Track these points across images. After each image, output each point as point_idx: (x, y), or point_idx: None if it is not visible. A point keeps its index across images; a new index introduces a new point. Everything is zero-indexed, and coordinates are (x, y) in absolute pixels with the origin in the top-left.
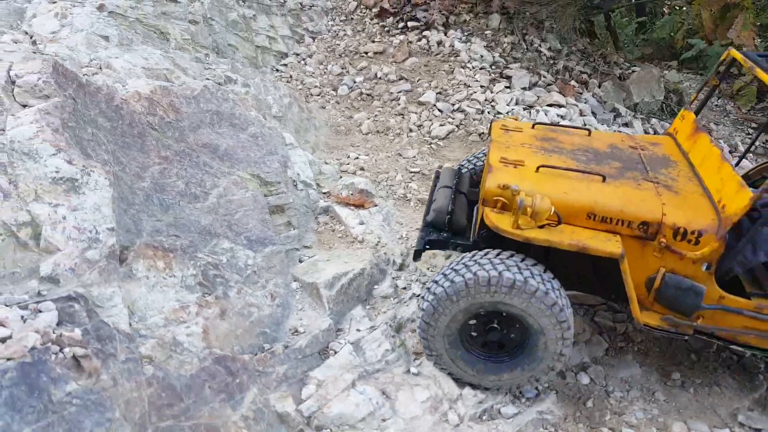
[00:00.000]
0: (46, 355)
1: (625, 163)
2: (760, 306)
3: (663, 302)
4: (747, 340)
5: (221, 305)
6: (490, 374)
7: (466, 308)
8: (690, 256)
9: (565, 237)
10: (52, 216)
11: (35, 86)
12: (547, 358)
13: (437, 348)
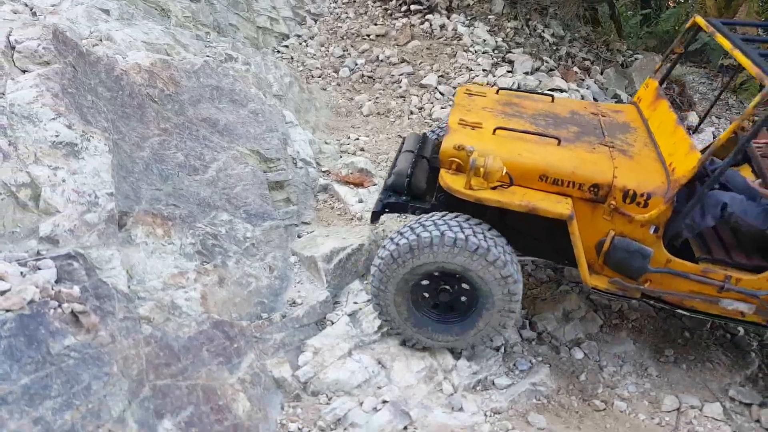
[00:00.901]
0: (45, 308)
1: (583, 128)
2: (705, 270)
3: (612, 265)
4: (693, 304)
5: (219, 273)
6: (442, 335)
7: (413, 269)
8: (638, 219)
9: (515, 198)
10: (52, 178)
11: (35, 52)
12: (496, 315)
13: (390, 311)
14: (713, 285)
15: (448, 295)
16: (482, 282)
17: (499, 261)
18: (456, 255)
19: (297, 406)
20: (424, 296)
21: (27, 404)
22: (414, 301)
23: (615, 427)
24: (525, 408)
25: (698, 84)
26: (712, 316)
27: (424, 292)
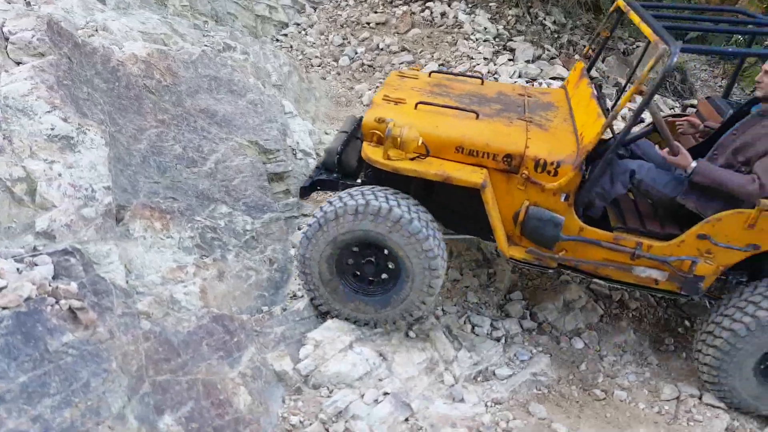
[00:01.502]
0: (42, 305)
1: (506, 106)
2: (617, 238)
3: (527, 235)
4: (608, 272)
5: (219, 267)
6: (363, 308)
7: (338, 237)
8: (549, 188)
9: (431, 168)
10: (48, 172)
11: (29, 43)
12: (416, 290)
13: (314, 281)
14: (625, 252)
15: (372, 267)
16: (403, 254)
17: (420, 234)
18: (379, 224)
19: (298, 399)
20: (348, 268)
21: (25, 402)
22: (338, 272)
23: (615, 416)
24: (526, 398)
25: (699, 71)
26: (627, 284)
27: (349, 262)
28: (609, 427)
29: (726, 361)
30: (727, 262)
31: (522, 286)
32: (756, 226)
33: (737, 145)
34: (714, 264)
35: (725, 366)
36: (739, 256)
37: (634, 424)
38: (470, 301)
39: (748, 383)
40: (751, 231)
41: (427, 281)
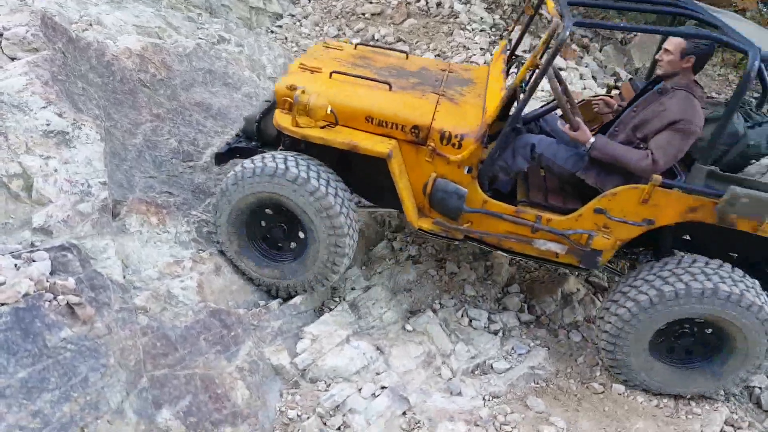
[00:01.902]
0: (40, 301)
1: (423, 80)
2: (518, 211)
3: (434, 207)
4: (510, 245)
5: (216, 261)
6: (277, 272)
7: (241, 200)
8: (454, 160)
9: (338, 137)
10: (44, 168)
11: (23, 39)
12: (323, 251)
13: (224, 242)
14: (526, 225)
15: (280, 231)
16: (306, 216)
17: (318, 192)
18: (276, 185)
19: (296, 393)
20: (260, 231)
21: (25, 397)
22: (249, 236)
23: (613, 409)
24: (523, 391)
25: None
26: (530, 257)
27: (260, 226)
28: (607, 420)
29: (624, 332)
30: (624, 236)
31: (520, 279)
32: (649, 202)
33: (636, 121)
34: (611, 238)
35: (623, 336)
36: (635, 231)
37: (633, 417)
38: (467, 295)
39: (642, 358)
40: (645, 206)
41: (333, 241)
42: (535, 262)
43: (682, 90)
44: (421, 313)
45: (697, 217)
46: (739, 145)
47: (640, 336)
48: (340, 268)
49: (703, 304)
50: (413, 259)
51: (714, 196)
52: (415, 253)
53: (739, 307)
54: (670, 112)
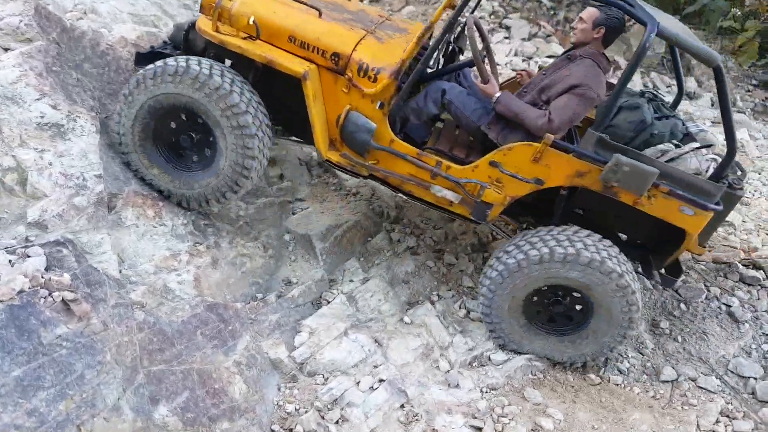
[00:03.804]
0: (35, 298)
1: (357, 19)
2: (420, 154)
3: (344, 139)
4: (410, 188)
5: (213, 255)
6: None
7: (144, 103)
8: (368, 93)
9: (257, 49)
10: (38, 162)
11: (17, 29)
12: (232, 154)
13: (132, 153)
14: (426, 170)
15: (188, 140)
16: (211, 117)
17: (222, 89)
18: (179, 85)
19: (294, 387)
20: (168, 139)
21: (20, 396)
22: (156, 144)
23: (610, 400)
24: (521, 383)
25: None
26: (427, 203)
27: (168, 133)
28: (604, 411)
29: (497, 295)
30: (514, 193)
31: None
32: (541, 161)
33: (543, 84)
34: (502, 193)
35: (496, 299)
36: (526, 189)
37: (629, 408)
38: (466, 286)
39: (516, 322)
40: (537, 165)
41: (241, 142)
42: (431, 208)
43: (588, 58)
44: (419, 304)
45: (584, 183)
46: (645, 133)
47: (512, 299)
48: (251, 173)
49: (566, 269)
50: (411, 250)
51: (601, 162)
52: (413, 244)
53: (599, 273)
54: (573, 76)
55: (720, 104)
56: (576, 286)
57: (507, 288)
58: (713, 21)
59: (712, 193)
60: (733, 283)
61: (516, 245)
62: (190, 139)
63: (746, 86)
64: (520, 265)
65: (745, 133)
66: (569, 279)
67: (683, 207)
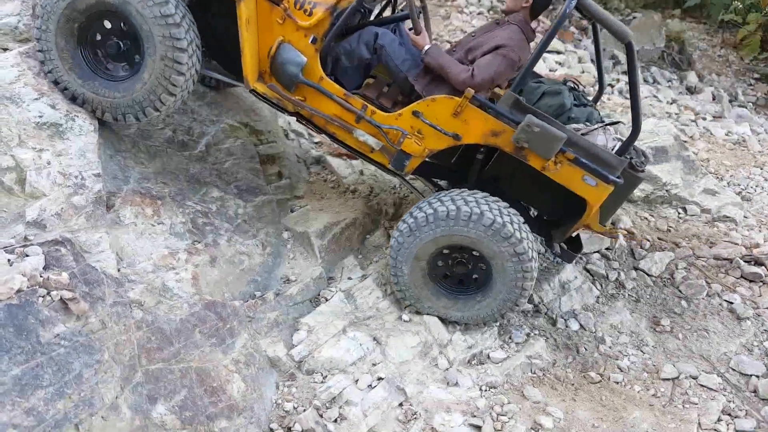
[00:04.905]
0: (33, 297)
1: None
2: (347, 95)
3: (274, 72)
4: (334, 129)
5: (211, 253)
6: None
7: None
8: (302, 25)
9: None
10: (37, 161)
11: (15, 28)
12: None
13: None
14: (352, 112)
15: (114, 46)
16: (141, 21)
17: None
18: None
19: (292, 385)
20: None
21: (18, 395)
22: (80, 46)
23: (610, 398)
24: (521, 381)
25: (698, 41)
26: (348, 147)
27: (95, 39)
28: (604, 410)
29: (404, 248)
30: (433, 145)
31: None
32: (460, 116)
33: (471, 45)
34: (422, 144)
35: (402, 252)
36: (444, 142)
37: (630, 407)
38: None
39: (421, 280)
40: (456, 119)
41: (171, 55)
42: (352, 153)
43: (515, 25)
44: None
45: (498, 142)
46: (563, 117)
47: (417, 253)
48: (176, 89)
49: (469, 229)
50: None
51: (515, 123)
52: None
53: (500, 236)
54: (498, 38)
55: (629, 81)
56: (477, 247)
57: (414, 241)
58: (715, 14)
59: (614, 165)
60: (735, 279)
61: (428, 202)
62: (117, 47)
63: (748, 80)
64: (428, 220)
65: (747, 128)
66: (471, 239)
67: (586, 176)
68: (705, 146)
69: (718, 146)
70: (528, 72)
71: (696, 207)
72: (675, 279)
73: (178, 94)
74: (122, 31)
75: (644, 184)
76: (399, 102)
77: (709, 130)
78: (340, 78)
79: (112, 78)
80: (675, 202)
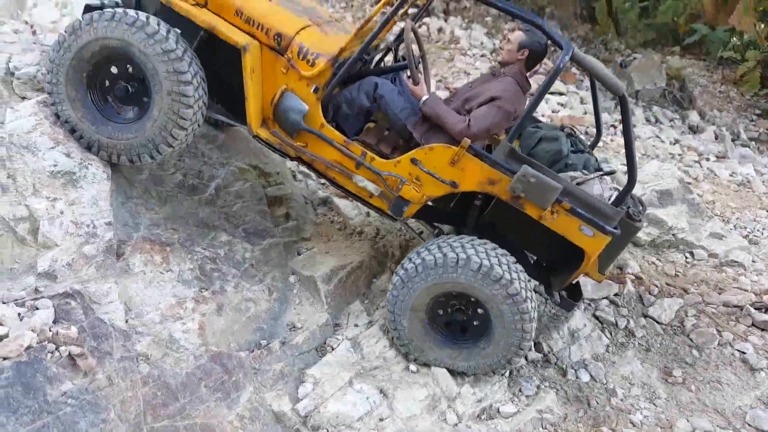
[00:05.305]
0: (42, 353)
1: (307, 12)
2: (347, 142)
3: (277, 118)
4: (334, 174)
5: (218, 300)
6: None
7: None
8: (305, 75)
9: (203, 15)
10: (50, 210)
11: (34, 77)
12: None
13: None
14: (352, 158)
15: (123, 89)
16: (146, 60)
17: (158, 34)
18: (114, 29)
19: None
20: (102, 86)
21: None
22: (90, 94)
23: None
24: None
25: (698, 77)
26: (348, 192)
27: (104, 84)
28: None
29: (399, 300)
30: (431, 192)
31: None
32: (458, 164)
33: (468, 95)
34: (420, 191)
35: (399, 305)
36: (442, 189)
37: None
38: None
39: (420, 330)
40: (454, 167)
41: (177, 89)
42: (352, 198)
43: (510, 77)
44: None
45: (495, 191)
46: (560, 163)
47: (414, 305)
48: (186, 122)
49: (458, 275)
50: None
51: (511, 172)
52: None
53: (490, 279)
54: (494, 90)
55: (623, 134)
56: (470, 292)
57: (408, 293)
58: (714, 51)
59: (611, 216)
60: (746, 327)
61: (417, 252)
62: (125, 90)
63: (750, 115)
64: (417, 270)
65: (751, 168)
66: (462, 285)
67: (583, 227)
68: (710, 188)
69: (723, 188)
70: (524, 123)
71: (703, 251)
72: (685, 327)
73: (189, 128)
74: (129, 74)
75: (650, 228)
76: (399, 147)
77: (713, 171)
78: (341, 124)
79: (123, 121)
80: (682, 246)
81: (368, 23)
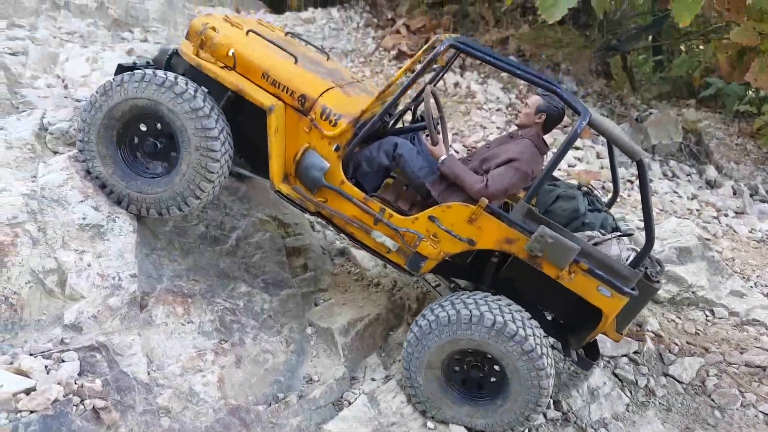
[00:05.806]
0: (68, 407)
1: (330, 74)
2: (366, 199)
3: (299, 175)
4: (352, 230)
5: (237, 352)
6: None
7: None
8: (327, 134)
9: (231, 77)
10: (78, 263)
11: (66, 133)
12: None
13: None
14: (370, 215)
15: (152, 146)
16: (175, 118)
17: (186, 93)
18: (144, 89)
19: None
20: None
21: None
22: (120, 151)
23: None
24: None
25: (714, 129)
26: (365, 246)
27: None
28: None
29: (414, 357)
30: (448, 249)
31: None
32: (475, 222)
33: (485, 156)
34: (437, 248)
35: (414, 361)
36: (460, 247)
37: None
38: None
39: (435, 386)
40: (471, 226)
41: (203, 143)
42: (369, 252)
43: (528, 139)
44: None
45: (512, 249)
46: (577, 222)
47: (429, 362)
48: (213, 176)
49: (472, 332)
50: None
51: (528, 232)
52: None
53: (504, 335)
54: (511, 152)
55: (641, 196)
56: (485, 349)
57: (423, 350)
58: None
59: (628, 277)
60: None
61: (431, 309)
62: (154, 146)
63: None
64: (431, 327)
65: None
66: (477, 342)
67: (601, 287)
68: (729, 245)
69: (742, 244)
70: (542, 184)
71: (724, 310)
72: (706, 387)
73: (215, 180)
74: (157, 131)
75: (670, 285)
76: (416, 203)
77: (731, 227)
78: (361, 180)
79: (152, 176)
80: (702, 303)
81: (390, 87)
